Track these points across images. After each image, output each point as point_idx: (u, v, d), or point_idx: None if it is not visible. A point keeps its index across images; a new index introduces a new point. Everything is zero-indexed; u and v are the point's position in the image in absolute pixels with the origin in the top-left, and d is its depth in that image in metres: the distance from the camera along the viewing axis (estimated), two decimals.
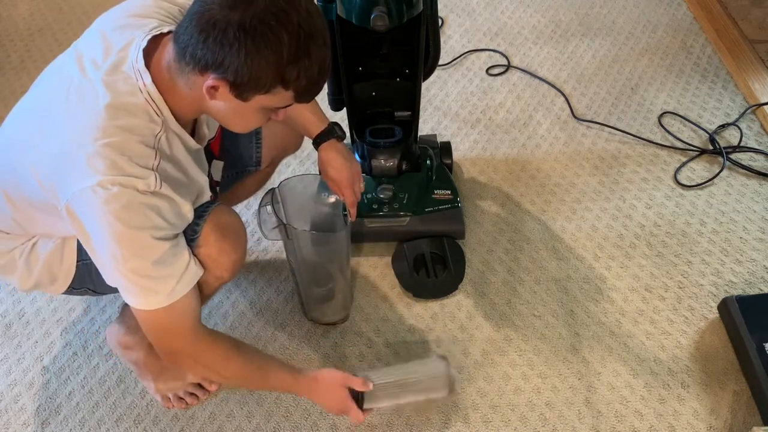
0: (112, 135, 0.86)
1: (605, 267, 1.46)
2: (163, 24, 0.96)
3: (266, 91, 0.86)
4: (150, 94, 0.89)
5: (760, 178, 1.62)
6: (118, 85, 0.89)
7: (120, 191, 0.85)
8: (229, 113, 0.92)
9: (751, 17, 2.04)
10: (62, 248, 1.06)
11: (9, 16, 2.22)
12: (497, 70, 1.96)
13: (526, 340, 1.34)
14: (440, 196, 1.49)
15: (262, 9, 0.80)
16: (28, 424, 1.25)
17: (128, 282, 0.91)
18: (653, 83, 1.89)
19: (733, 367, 1.29)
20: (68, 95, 0.90)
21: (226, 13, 0.80)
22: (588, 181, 1.65)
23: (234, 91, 0.86)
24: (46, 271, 1.07)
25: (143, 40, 0.91)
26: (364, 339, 1.35)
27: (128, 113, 0.88)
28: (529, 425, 1.23)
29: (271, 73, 0.83)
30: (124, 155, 0.85)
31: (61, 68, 0.97)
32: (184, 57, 0.85)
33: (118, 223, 0.85)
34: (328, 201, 1.29)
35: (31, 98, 0.99)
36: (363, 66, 1.37)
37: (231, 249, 1.05)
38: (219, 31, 0.81)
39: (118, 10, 1.01)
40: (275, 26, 0.81)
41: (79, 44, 0.98)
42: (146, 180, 0.86)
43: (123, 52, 0.91)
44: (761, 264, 1.45)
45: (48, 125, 0.91)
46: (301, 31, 0.82)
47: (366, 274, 1.47)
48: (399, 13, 1.12)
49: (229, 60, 0.82)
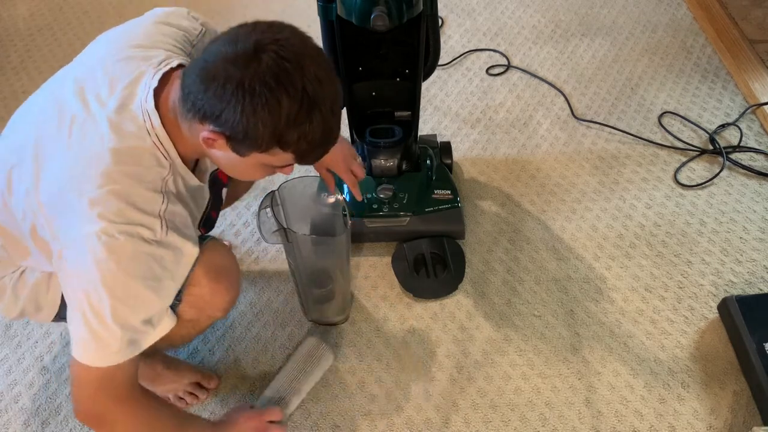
0: (117, 182, 0.83)
1: (605, 267, 1.46)
2: (170, 56, 0.93)
3: (263, 150, 0.84)
4: (159, 137, 0.87)
5: (760, 178, 1.62)
6: (124, 127, 0.85)
7: (125, 240, 0.82)
8: (228, 164, 0.90)
9: (751, 17, 2.04)
10: (49, 278, 1.02)
11: (9, 16, 2.22)
12: (497, 70, 1.96)
13: (526, 340, 1.34)
14: (440, 196, 1.50)
15: (264, 69, 0.78)
16: (28, 424, 1.25)
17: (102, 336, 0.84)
18: (653, 83, 1.89)
19: (733, 367, 1.29)
20: (70, 132, 0.86)
21: (228, 68, 0.79)
22: (588, 181, 1.65)
23: (230, 145, 0.84)
24: (32, 300, 1.03)
25: (153, 78, 0.88)
26: (364, 339, 1.35)
27: (135, 158, 0.85)
28: (529, 425, 1.23)
29: (267, 134, 0.81)
30: (129, 203, 0.83)
31: (60, 98, 0.91)
32: (186, 103, 0.83)
33: (119, 272, 0.82)
34: (328, 202, 1.29)
35: (25, 124, 0.94)
36: (363, 66, 1.37)
37: (224, 290, 1.03)
38: (219, 85, 0.79)
39: (121, 39, 0.97)
40: (275, 88, 0.78)
41: (78, 73, 0.93)
42: (152, 228, 0.84)
43: (130, 89, 0.88)
44: (761, 264, 1.45)
45: (46, 161, 0.87)
46: (305, 96, 0.79)
47: (366, 274, 1.47)
48: (399, 13, 1.12)
49: (226, 115, 0.80)
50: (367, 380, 1.29)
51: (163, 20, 1.00)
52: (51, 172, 0.86)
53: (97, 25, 2.13)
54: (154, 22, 0.99)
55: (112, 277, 0.82)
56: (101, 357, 0.86)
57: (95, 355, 0.86)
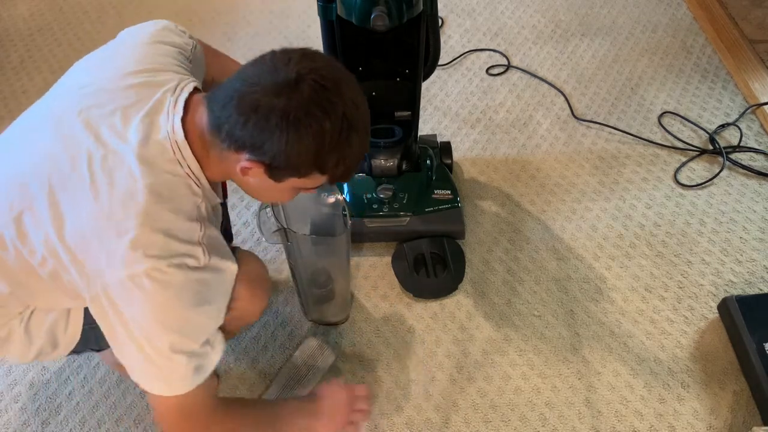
0: (157, 218, 0.81)
1: (605, 267, 1.46)
2: (182, 79, 0.91)
3: (302, 175, 0.85)
4: (191, 167, 0.86)
5: (760, 178, 1.62)
6: (155, 160, 0.83)
7: (174, 272, 0.81)
8: (259, 189, 0.91)
9: (751, 17, 2.04)
10: (67, 315, 0.99)
11: (9, 16, 2.22)
12: (497, 70, 1.96)
13: (526, 340, 1.34)
14: (440, 196, 1.50)
15: (307, 98, 0.79)
16: (28, 424, 1.25)
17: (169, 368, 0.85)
18: (653, 83, 1.89)
19: (733, 367, 1.29)
20: (92, 171, 0.82)
21: (270, 99, 0.78)
22: (588, 181, 1.65)
23: (268, 173, 0.84)
24: (49, 339, 0.99)
25: (176, 107, 0.86)
26: (364, 339, 1.35)
27: (171, 191, 0.84)
28: (529, 425, 1.23)
29: (309, 160, 0.82)
30: (171, 236, 0.81)
31: (68, 134, 0.85)
32: (219, 133, 0.82)
33: (172, 305, 0.82)
34: (328, 202, 1.29)
35: (27, 164, 0.87)
36: (363, 66, 1.37)
37: (261, 297, 1.06)
38: (261, 117, 0.79)
39: (118, 63, 0.92)
40: (320, 116, 0.79)
41: (81, 104, 0.87)
42: (196, 256, 0.83)
43: (150, 119, 0.85)
44: (761, 264, 1.45)
45: (67, 204, 0.83)
46: (345, 121, 0.81)
47: (366, 274, 1.47)
48: (399, 13, 1.11)
49: (269, 145, 0.80)
50: (367, 380, 1.29)
51: (158, 39, 0.97)
52: (77, 215, 0.82)
53: (97, 25, 2.14)
54: (149, 42, 0.95)
55: (166, 311, 0.82)
56: (173, 387, 0.87)
57: (167, 387, 0.87)
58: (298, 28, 2.09)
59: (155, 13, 2.14)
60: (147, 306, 0.81)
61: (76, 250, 0.83)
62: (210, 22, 2.13)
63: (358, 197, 1.47)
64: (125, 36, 0.99)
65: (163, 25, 1.01)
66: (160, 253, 0.80)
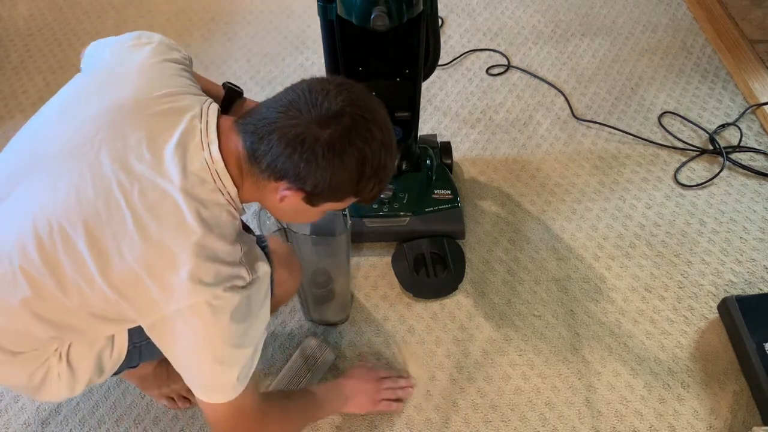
0: (208, 248, 0.81)
1: (605, 267, 1.46)
2: (202, 101, 0.89)
3: (339, 200, 0.88)
4: (230, 194, 0.86)
5: (760, 178, 1.62)
6: (198, 192, 0.82)
7: (229, 296, 0.82)
8: (291, 213, 0.92)
9: (751, 17, 2.04)
10: (112, 341, 0.96)
11: (9, 16, 2.22)
12: (497, 70, 1.96)
13: (526, 340, 1.34)
14: (440, 196, 1.50)
15: (349, 128, 0.81)
16: (28, 424, 1.25)
17: (227, 379, 0.87)
18: (653, 83, 1.89)
19: (733, 367, 1.29)
20: (130, 205, 0.80)
21: (314, 131, 0.80)
22: (588, 181, 1.65)
23: (307, 200, 0.86)
24: (97, 368, 0.96)
25: (209, 136, 0.85)
26: (364, 339, 1.35)
27: (216, 220, 0.84)
28: (529, 425, 1.23)
29: (351, 187, 0.86)
30: (220, 261, 0.82)
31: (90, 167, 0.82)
32: (259, 164, 0.83)
33: (230, 326, 0.83)
34: None
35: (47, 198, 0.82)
36: (363, 66, 1.37)
37: (297, 273, 1.10)
38: (307, 149, 0.80)
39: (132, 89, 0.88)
40: (362, 146, 0.82)
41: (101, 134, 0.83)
42: (242, 276, 0.84)
43: (182, 149, 0.83)
44: (761, 264, 1.45)
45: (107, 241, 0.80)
46: (382, 147, 0.84)
47: (366, 274, 1.47)
48: (399, 13, 1.11)
49: (313, 175, 0.82)
50: None
51: (162, 58, 0.94)
52: (122, 253, 0.80)
53: (97, 25, 2.13)
54: (155, 62, 0.92)
55: (224, 332, 0.83)
56: (225, 395, 0.89)
57: (222, 395, 0.89)
58: (298, 28, 2.09)
59: (155, 13, 2.15)
60: (205, 329, 0.83)
61: (125, 287, 0.81)
62: (210, 22, 2.13)
63: None
64: (117, 54, 0.95)
65: (158, 39, 0.97)
66: (215, 281, 0.81)
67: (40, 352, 0.91)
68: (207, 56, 2.01)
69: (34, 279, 0.81)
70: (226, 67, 1.97)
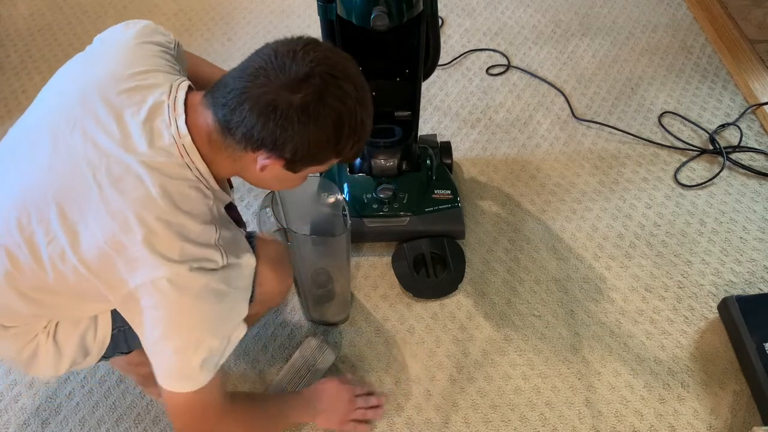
0: (173, 223, 0.81)
1: (605, 267, 1.46)
2: (175, 79, 0.89)
3: (320, 162, 0.87)
4: (199, 170, 0.85)
5: (760, 178, 1.62)
6: (164, 167, 0.82)
7: (194, 276, 0.81)
8: (273, 181, 0.92)
9: (751, 17, 2.04)
10: (95, 322, 0.98)
11: (9, 16, 2.22)
12: (497, 70, 1.96)
13: (526, 340, 1.34)
14: (440, 196, 1.49)
15: (321, 88, 0.79)
16: (28, 424, 1.25)
17: (189, 365, 0.85)
18: (653, 83, 1.89)
19: (733, 367, 1.29)
20: (96, 180, 0.81)
21: (286, 96, 0.78)
22: (588, 180, 1.65)
23: (287, 166, 0.85)
24: (80, 348, 0.98)
25: (176, 111, 0.84)
26: (364, 339, 1.35)
27: (183, 197, 0.83)
28: (529, 425, 1.23)
29: (330, 149, 0.84)
30: (189, 240, 0.81)
31: (65, 145, 0.84)
32: (234, 135, 0.82)
33: (195, 308, 0.82)
34: (328, 202, 1.29)
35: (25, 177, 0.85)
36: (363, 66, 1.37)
37: (285, 277, 1.06)
38: (281, 116, 0.79)
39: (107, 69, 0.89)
40: (336, 106, 0.80)
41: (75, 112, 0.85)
42: (214, 259, 0.83)
43: (149, 124, 0.83)
44: (761, 264, 1.45)
45: (78, 218, 0.82)
46: (357, 104, 0.82)
47: (366, 274, 1.47)
48: (399, 12, 1.11)
49: (290, 141, 0.81)
50: (367, 380, 1.29)
51: (142, 39, 0.94)
52: (90, 228, 0.81)
53: (97, 25, 2.13)
54: (135, 44, 0.92)
55: (187, 314, 0.83)
56: (186, 383, 0.87)
57: (184, 383, 0.87)
58: (298, 28, 2.09)
59: (155, 13, 2.15)
60: (169, 309, 0.82)
61: (94, 262, 0.82)
62: (210, 22, 2.13)
63: (358, 197, 1.47)
64: (106, 38, 0.96)
65: (143, 24, 0.98)
66: (180, 258, 0.80)
67: (29, 328, 0.94)
68: (207, 56, 2.01)
69: (11, 253, 0.85)
70: (226, 67, 1.95)
